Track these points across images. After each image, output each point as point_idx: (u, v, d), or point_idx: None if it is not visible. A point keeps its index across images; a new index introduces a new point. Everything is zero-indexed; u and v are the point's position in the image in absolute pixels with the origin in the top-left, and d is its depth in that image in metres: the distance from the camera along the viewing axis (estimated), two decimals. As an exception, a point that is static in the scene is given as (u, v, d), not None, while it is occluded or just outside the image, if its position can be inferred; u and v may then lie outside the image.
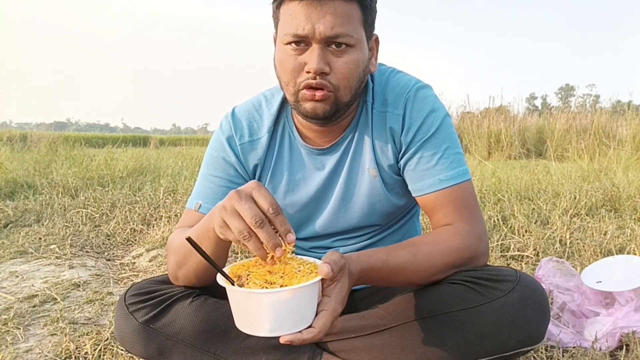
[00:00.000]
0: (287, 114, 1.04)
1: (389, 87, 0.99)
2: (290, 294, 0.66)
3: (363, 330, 0.91)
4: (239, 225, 0.68)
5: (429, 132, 0.94)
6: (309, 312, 0.70)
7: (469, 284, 0.85)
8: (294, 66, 0.87)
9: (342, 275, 0.74)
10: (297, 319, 0.68)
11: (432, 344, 0.85)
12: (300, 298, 0.67)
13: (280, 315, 0.67)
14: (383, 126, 0.98)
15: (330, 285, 0.73)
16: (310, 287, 0.68)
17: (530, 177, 3.88)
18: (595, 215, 2.64)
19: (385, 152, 0.99)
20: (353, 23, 0.86)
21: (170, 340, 0.89)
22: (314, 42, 0.85)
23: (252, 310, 0.68)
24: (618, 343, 1.22)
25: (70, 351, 1.26)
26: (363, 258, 0.81)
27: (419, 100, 0.96)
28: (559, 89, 66.56)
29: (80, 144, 6.71)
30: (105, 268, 2.10)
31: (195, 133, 57.75)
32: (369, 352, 0.90)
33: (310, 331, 0.69)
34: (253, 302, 0.67)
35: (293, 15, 0.85)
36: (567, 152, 6.57)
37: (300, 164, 1.03)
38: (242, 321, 0.70)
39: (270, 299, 0.66)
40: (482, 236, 0.92)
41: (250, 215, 0.67)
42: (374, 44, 0.97)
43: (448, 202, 0.93)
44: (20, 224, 2.78)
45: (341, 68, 0.87)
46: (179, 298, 0.91)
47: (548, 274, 1.52)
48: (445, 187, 0.92)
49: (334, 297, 0.72)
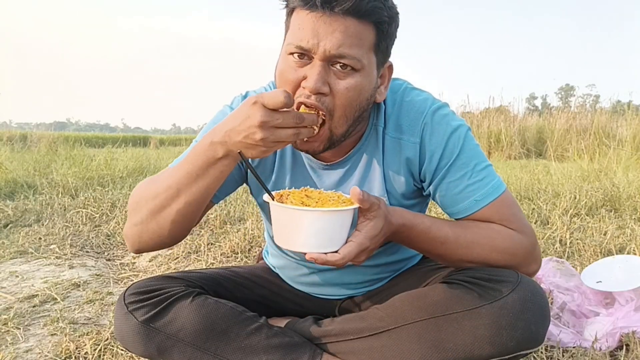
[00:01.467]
0: None
1: (403, 111, 0.93)
2: (321, 214, 0.73)
3: (362, 332, 0.91)
4: (288, 132, 0.73)
5: (453, 155, 0.90)
6: (337, 238, 0.76)
7: (469, 285, 0.85)
8: (294, 79, 0.82)
9: (375, 215, 0.79)
10: (326, 240, 0.74)
11: (431, 346, 0.84)
12: (329, 220, 0.74)
13: (309, 233, 0.73)
14: (397, 154, 0.93)
15: (363, 222, 0.78)
16: (341, 213, 0.74)
17: (530, 177, 3.88)
18: (595, 215, 2.64)
19: (397, 180, 0.95)
20: (363, 46, 0.81)
21: (170, 340, 0.89)
22: (316, 58, 0.80)
23: (287, 224, 0.75)
24: (618, 343, 1.22)
25: (70, 351, 1.26)
26: (407, 215, 0.85)
27: (437, 124, 0.90)
28: (559, 89, 66.52)
29: (80, 144, 6.71)
30: (105, 268, 2.10)
31: (195, 133, 57.72)
32: (368, 354, 0.90)
33: (334, 255, 0.74)
34: (288, 217, 0.75)
35: (301, 26, 0.80)
36: (567, 152, 6.57)
37: (304, 178, 0.99)
38: (278, 235, 0.78)
39: (302, 215, 0.73)
40: (532, 248, 0.90)
41: (291, 118, 0.72)
42: (387, 71, 0.91)
43: (491, 217, 0.90)
44: (20, 224, 2.78)
45: (341, 92, 0.81)
46: (179, 297, 0.91)
47: (548, 274, 1.52)
48: (483, 206, 0.89)
49: (364, 232, 0.77)
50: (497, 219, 0.90)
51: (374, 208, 0.78)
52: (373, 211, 0.79)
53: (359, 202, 0.76)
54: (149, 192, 0.86)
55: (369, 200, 0.77)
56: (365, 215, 0.79)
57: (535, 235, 0.92)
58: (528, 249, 0.89)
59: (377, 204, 0.79)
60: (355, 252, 0.76)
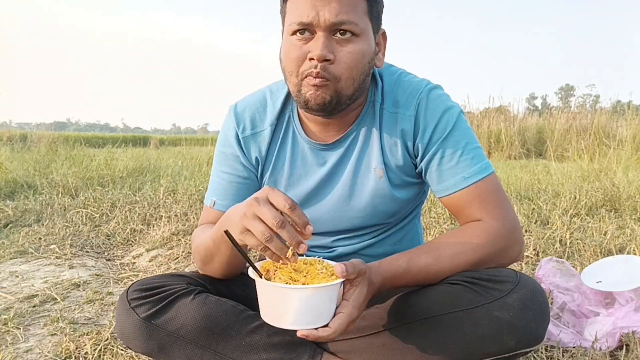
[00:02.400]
0: (292, 107, 1.04)
1: (400, 87, 0.98)
2: (310, 292, 0.72)
3: (363, 331, 0.91)
4: (261, 227, 0.72)
5: (446, 130, 0.94)
6: (327, 312, 0.75)
7: (468, 285, 0.85)
8: (298, 55, 0.88)
9: (361, 281, 0.79)
10: (315, 316, 0.74)
11: (431, 345, 0.84)
12: (319, 297, 0.73)
13: (299, 310, 0.73)
14: (394, 127, 0.97)
15: (350, 290, 0.78)
16: (330, 288, 0.74)
17: (530, 177, 3.88)
18: (595, 215, 2.64)
19: (394, 153, 0.98)
20: (358, 12, 0.87)
21: (171, 337, 0.89)
22: (318, 30, 0.86)
23: (275, 303, 0.74)
24: (618, 343, 1.22)
25: (70, 351, 1.26)
26: (384, 267, 0.85)
27: (432, 101, 0.95)
28: (559, 89, 66.57)
29: (80, 144, 6.71)
30: (105, 268, 2.10)
31: (195, 133, 57.72)
32: (368, 353, 0.90)
33: (326, 330, 0.74)
34: (276, 295, 0.74)
35: (298, 5, 0.87)
36: (567, 152, 6.57)
37: (302, 159, 1.03)
38: (266, 312, 0.77)
39: (291, 293, 0.72)
40: (511, 231, 0.91)
41: (271, 217, 0.71)
42: (382, 39, 0.97)
43: (473, 199, 0.92)
44: (20, 224, 2.79)
45: (345, 57, 0.87)
46: (180, 295, 0.91)
47: (548, 274, 1.52)
48: (470, 184, 0.92)
49: (351, 302, 0.77)
50: (478, 202, 0.92)
51: (361, 273, 0.78)
52: (359, 276, 0.79)
53: (346, 277, 0.75)
54: (197, 242, 0.99)
55: (354, 271, 0.76)
56: (352, 282, 0.79)
57: (515, 219, 0.93)
58: (504, 235, 0.90)
59: (363, 269, 0.79)
60: (345, 324, 0.76)
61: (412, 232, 1.13)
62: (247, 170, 1.04)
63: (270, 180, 1.05)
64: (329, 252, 1.07)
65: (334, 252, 1.07)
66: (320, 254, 1.07)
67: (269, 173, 1.05)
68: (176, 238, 2.39)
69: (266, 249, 0.73)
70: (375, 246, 1.07)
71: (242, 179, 1.04)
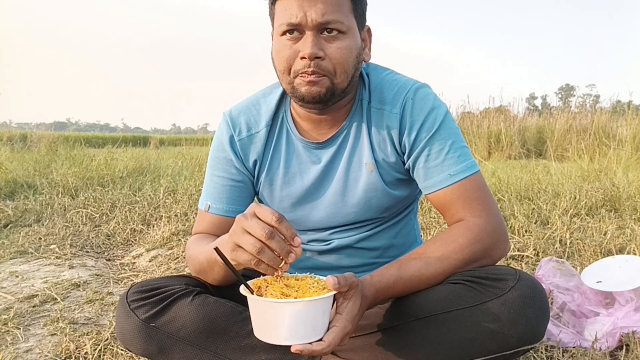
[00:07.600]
0: (286, 108, 1.07)
1: (386, 85, 1.00)
2: (302, 305, 0.71)
3: (363, 330, 0.91)
4: (251, 240, 0.72)
5: (433, 129, 0.96)
6: (320, 326, 0.75)
7: (469, 283, 0.85)
8: (289, 54, 0.91)
9: (353, 294, 0.79)
10: (309, 330, 0.73)
11: (432, 343, 0.85)
12: (311, 310, 0.72)
13: (292, 325, 0.72)
14: (380, 124, 1.00)
15: (343, 303, 0.78)
16: (322, 300, 0.73)
17: (530, 177, 3.88)
18: (595, 215, 2.64)
19: (383, 149, 1.00)
20: (343, 11, 0.91)
21: (171, 338, 0.89)
22: (306, 30, 0.90)
23: (268, 318, 0.74)
24: (618, 343, 1.22)
25: (70, 351, 1.26)
26: (376, 278, 0.86)
27: (419, 99, 0.97)
28: (559, 89, 66.55)
29: (80, 144, 6.72)
30: (105, 268, 2.10)
31: (195, 133, 57.70)
32: (369, 352, 0.90)
33: (320, 344, 0.74)
34: (269, 310, 0.73)
35: (286, 7, 0.90)
36: (567, 152, 6.57)
37: (297, 158, 1.05)
38: (259, 329, 0.76)
39: (283, 307, 0.72)
40: (495, 228, 0.92)
41: (259, 229, 0.72)
42: (367, 34, 1.01)
43: (458, 197, 0.93)
44: (20, 224, 2.79)
45: (334, 53, 0.91)
46: (180, 296, 0.91)
47: (548, 274, 1.52)
48: (455, 181, 0.93)
49: (344, 315, 0.77)
50: (462, 200, 0.93)
51: (353, 286, 0.78)
52: (352, 290, 0.79)
53: (337, 290, 0.76)
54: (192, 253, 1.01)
55: (346, 284, 0.76)
56: (344, 295, 0.79)
57: (499, 217, 0.94)
58: (489, 232, 0.91)
59: (355, 282, 0.79)
60: (339, 337, 0.75)
61: (408, 226, 1.14)
62: (241, 174, 1.06)
63: (266, 180, 1.07)
64: (325, 244, 1.08)
65: (331, 245, 1.08)
66: (317, 247, 1.09)
67: (264, 172, 1.06)
68: (176, 238, 2.39)
69: (259, 262, 0.73)
70: (370, 239, 1.08)
71: (235, 182, 1.06)
